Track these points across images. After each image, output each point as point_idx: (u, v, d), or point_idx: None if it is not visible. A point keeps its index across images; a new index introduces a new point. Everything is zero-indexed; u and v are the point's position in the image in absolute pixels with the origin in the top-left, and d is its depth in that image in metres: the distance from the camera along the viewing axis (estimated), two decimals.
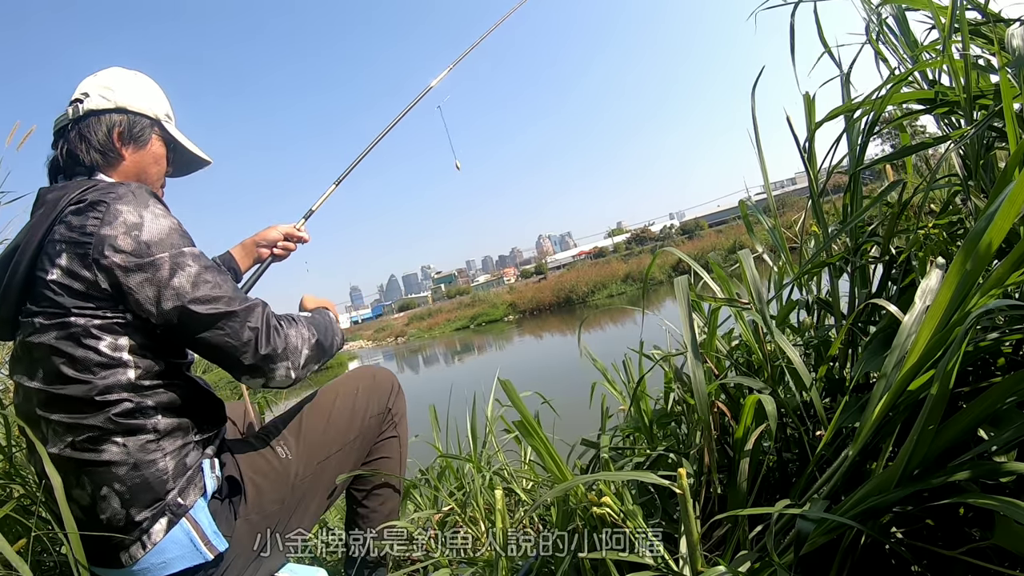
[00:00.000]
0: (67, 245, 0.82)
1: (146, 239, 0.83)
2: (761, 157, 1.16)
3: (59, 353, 0.81)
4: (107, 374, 0.82)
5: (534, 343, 18.14)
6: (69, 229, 0.83)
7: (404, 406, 1.24)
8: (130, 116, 0.99)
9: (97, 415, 0.82)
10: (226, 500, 0.92)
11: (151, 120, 1.02)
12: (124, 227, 0.83)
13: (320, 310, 1.10)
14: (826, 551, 0.67)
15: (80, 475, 0.82)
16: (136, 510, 0.83)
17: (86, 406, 0.81)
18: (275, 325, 0.91)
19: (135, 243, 0.82)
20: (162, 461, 0.85)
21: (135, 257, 0.82)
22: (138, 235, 0.83)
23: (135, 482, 0.83)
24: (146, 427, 0.84)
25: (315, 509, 1.07)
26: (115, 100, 0.98)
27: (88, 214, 0.83)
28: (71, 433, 0.82)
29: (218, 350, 0.87)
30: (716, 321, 1.07)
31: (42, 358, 0.82)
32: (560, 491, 0.82)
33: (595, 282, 28.30)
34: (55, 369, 0.81)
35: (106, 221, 0.82)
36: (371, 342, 36.39)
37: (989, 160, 0.86)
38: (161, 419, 0.86)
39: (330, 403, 1.11)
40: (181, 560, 0.85)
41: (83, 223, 0.83)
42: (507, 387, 0.91)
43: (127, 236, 0.82)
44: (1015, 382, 0.56)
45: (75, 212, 0.84)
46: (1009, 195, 0.51)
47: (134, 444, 0.83)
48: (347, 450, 1.10)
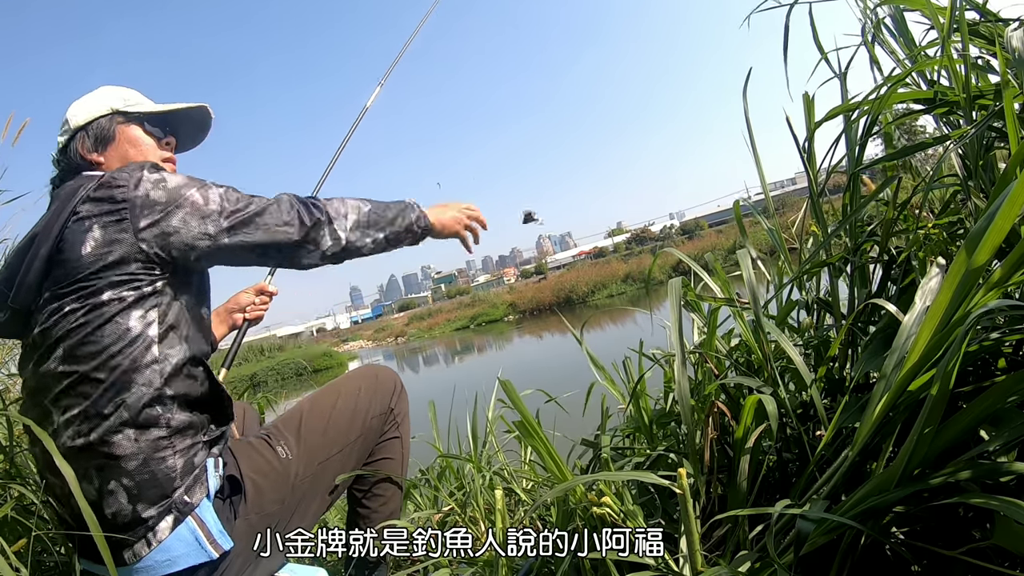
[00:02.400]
0: (98, 218, 0.85)
1: (172, 186, 0.90)
2: (757, 159, 1.16)
3: (85, 330, 0.82)
4: (132, 351, 0.83)
5: (534, 343, 18.15)
6: (97, 204, 0.86)
7: (407, 406, 1.24)
8: (85, 129, 1.02)
9: (114, 400, 0.82)
10: (227, 500, 0.92)
11: (107, 116, 1.04)
12: (151, 183, 0.89)
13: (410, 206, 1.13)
14: (826, 551, 0.67)
15: (88, 468, 0.82)
16: (143, 506, 0.83)
17: (105, 389, 0.82)
18: (311, 200, 1.00)
19: (165, 191, 0.89)
20: (172, 459, 0.85)
21: (172, 200, 0.88)
22: (165, 184, 0.90)
23: (144, 478, 0.83)
24: (159, 421, 0.85)
25: (315, 509, 1.07)
26: (70, 126, 1.02)
27: (112, 187, 0.87)
28: (85, 422, 0.82)
29: (269, 236, 0.94)
30: (716, 321, 1.07)
31: (64, 339, 0.83)
32: (560, 491, 0.82)
33: (595, 282, 28.30)
34: (77, 349, 0.82)
35: (132, 185, 0.88)
36: (371, 342, 36.39)
37: (989, 160, 0.86)
38: (176, 414, 0.86)
39: (331, 404, 1.11)
40: (186, 558, 0.85)
41: (110, 194, 0.87)
42: (507, 387, 0.91)
43: (156, 188, 0.89)
44: (1015, 382, 0.56)
45: (97, 188, 0.88)
46: (1010, 195, 0.51)
47: (146, 439, 0.84)
48: (348, 451, 1.10)
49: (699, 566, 0.70)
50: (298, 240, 0.97)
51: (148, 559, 0.83)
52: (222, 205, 0.92)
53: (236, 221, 0.92)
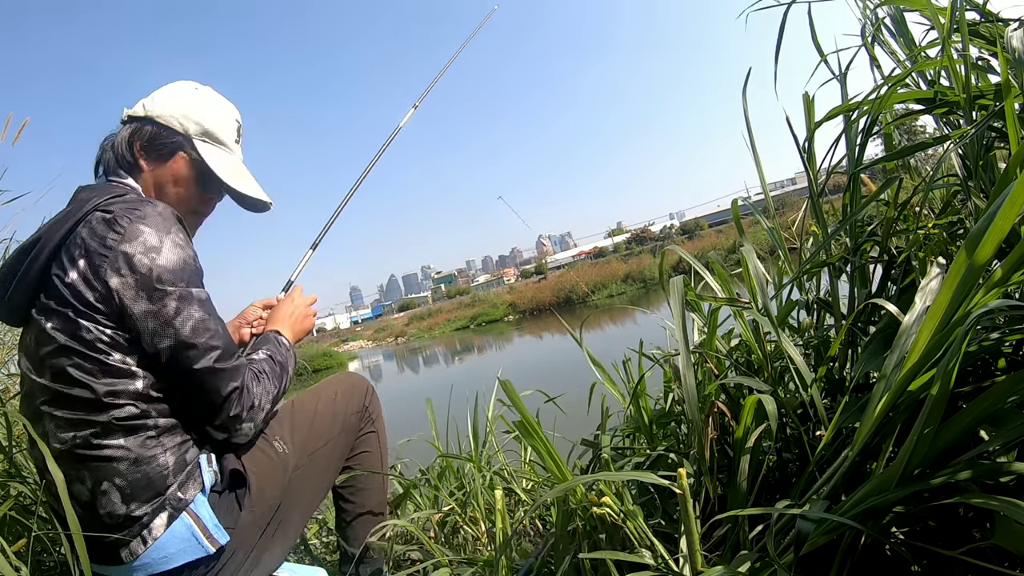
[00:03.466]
0: (87, 253, 0.83)
1: (161, 264, 0.84)
2: (756, 158, 1.15)
3: (68, 355, 0.82)
4: (115, 381, 0.83)
5: (534, 343, 18.14)
6: (91, 236, 0.83)
7: (379, 406, 1.31)
8: (155, 128, 0.98)
9: (101, 415, 0.82)
10: (230, 493, 0.93)
11: (181, 136, 0.99)
12: (143, 247, 0.83)
13: (279, 342, 1.07)
14: (826, 551, 0.67)
15: (80, 470, 0.83)
16: (136, 505, 0.83)
17: (91, 407, 0.82)
18: (249, 388, 0.91)
19: (149, 266, 0.83)
20: (162, 456, 0.86)
21: (144, 284, 0.83)
22: (155, 258, 0.84)
23: (136, 476, 0.83)
24: (147, 425, 0.85)
25: (309, 500, 1.11)
26: (148, 109, 0.98)
27: (111, 227, 0.84)
28: (73, 428, 0.82)
29: (198, 396, 0.88)
30: (716, 321, 1.07)
31: (51, 356, 0.83)
32: (560, 491, 0.82)
33: (595, 282, 28.28)
34: (63, 370, 0.82)
35: (127, 238, 0.83)
36: (371, 342, 36.40)
37: (989, 160, 0.86)
38: (162, 419, 0.87)
39: (313, 404, 1.16)
40: (183, 554, 0.85)
41: (104, 234, 0.83)
42: (507, 387, 0.91)
43: (144, 256, 0.83)
44: (1015, 382, 0.56)
45: (100, 220, 0.85)
46: (1010, 195, 0.51)
47: (135, 441, 0.84)
48: (332, 444, 1.15)
49: (699, 566, 0.70)
50: (218, 422, 0.90)
51: (144, 557, 0.84)
52: (185, 332, 0.85)
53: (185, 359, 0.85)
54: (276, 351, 1.05)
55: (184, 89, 1.04)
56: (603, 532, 0.81)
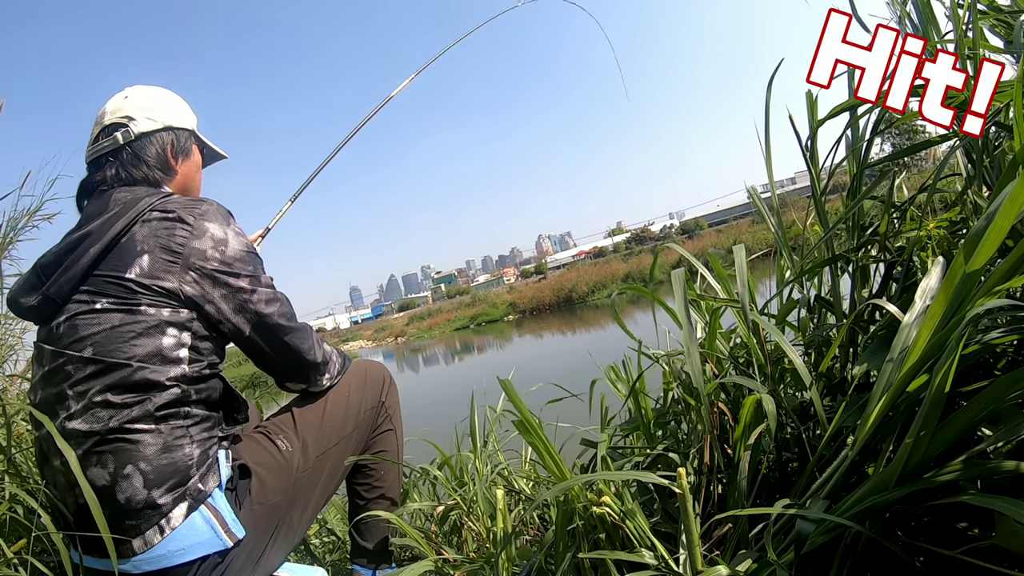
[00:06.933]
0: (154, 251, 0.89)
1: (230, 254, 0.94)
2: (768, 156, 1.14)
3: (119, 332, 0.85)
4: (162, 365, 0.86)
5: (534, 342, 18.15)
6: (156, 236, 0.90)
7: (397, 399, 1.28)
8: (175, 132, 1.07)
9: (140, 397, 0.84)
10: (233, 490, 0.93)
11: (190, 132, 1.11)
12: (212, 241, 0.93)
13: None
14: (826, 550, 0.67)
15: (104, 453, 0.82)
16: (159, 492, 0.83)
17: (132, 387, 0.84)
18: (319, 343, 1.09)
19: (221, 257, 0.93)
20: (189, 447, 0.87)
21: (221, 271, 0.93)
22: (224, 250, 0.94)
23: (162, 463, 0.84)
24: (180, 413, 0.87)
25: (315, 502, 1.09)
26: (161, 120, 1.06)
27: (178, 226, 0.92)
28: (106, 409, 0.83)
29: (286, 354, 1.03)
30: (716, 321, 1.07)
31: (97, 334, 0.84)
32: (559, 490, 0.82)
33: (595, 282, 28.30)
34: (109, 346, 0.84)
35: (195, 235, 0.92)
36: (371, 342, 36.41)
37: (996, 158, 0.86)
38: (195, 409, 0.89)
39: (323, 401, 1.13)
40: (200, 547, 0.85)
41: (172, 234, 0.91)
42: (506, 387, 0.91)
43: (215, 250, 0.93)
44: (1014, 381, 0.56)
45: (162, 220, 0.92)
46: (1010, 195, 0.51)
47: (167, 427, 0.85)
48: (344, 443, 1.13)
49: (699, 566, 0.70)
50: (305, 369, 1.08)
51: (160, 547, 0.83)
52: (262, 305, 0.97)
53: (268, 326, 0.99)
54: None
55: (163, 94, 1.11)
56: (603, 531, 0.81)
